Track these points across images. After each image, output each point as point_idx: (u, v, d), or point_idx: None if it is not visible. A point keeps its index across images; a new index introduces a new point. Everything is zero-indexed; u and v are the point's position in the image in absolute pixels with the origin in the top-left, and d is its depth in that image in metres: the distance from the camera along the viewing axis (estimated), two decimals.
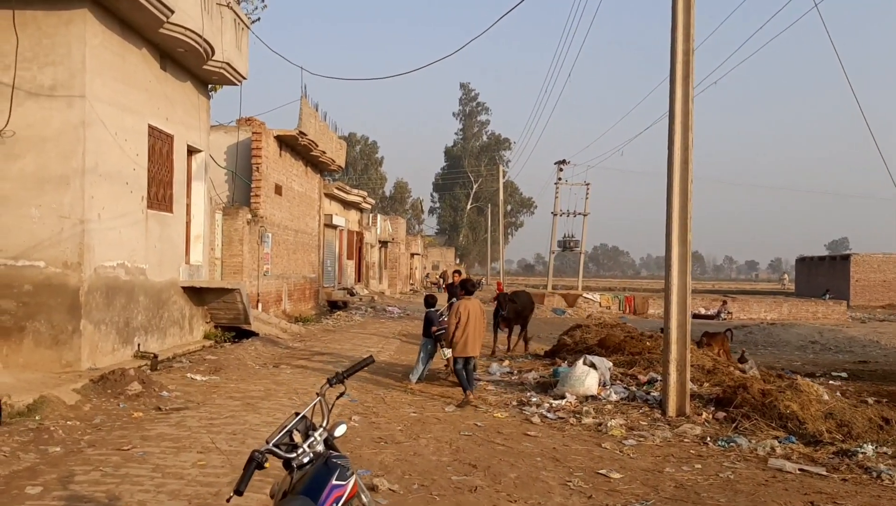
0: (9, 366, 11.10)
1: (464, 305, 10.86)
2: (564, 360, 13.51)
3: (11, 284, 11.24)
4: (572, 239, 57.87)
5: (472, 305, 10.95)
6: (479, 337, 11.06)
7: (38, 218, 11.28)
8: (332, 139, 28.18)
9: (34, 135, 11.28)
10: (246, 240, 19.95)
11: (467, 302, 10.93)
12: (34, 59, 11.30)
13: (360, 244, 38.68)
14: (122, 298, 12.59)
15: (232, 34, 15.78)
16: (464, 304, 10.89)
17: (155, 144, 14.00)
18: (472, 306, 10.94)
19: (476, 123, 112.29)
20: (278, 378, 11.60)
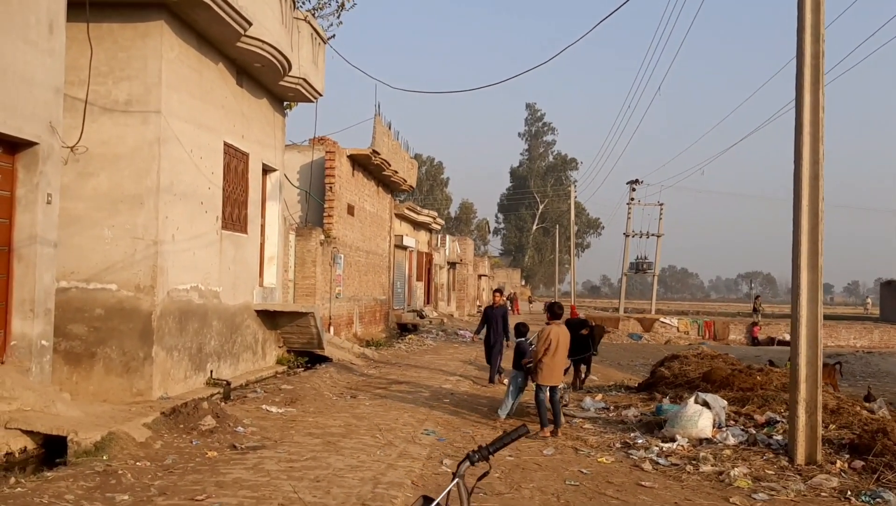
0: (79, 394, 10.59)
1: (553, 332, 9.98)
2: (665, 395, 12.40)
3: (83, 308, 10.76)
4: (645, 261, 56.23)
5: (562, 332, 10.07)
6: (563, 365, 10.22)
7: (110, 239, 10.79)
8: (404, 159, 27.60)
9: (108, 152, 10.82)
10: (319, 261, 19.38)
11: (556, 328, 10.05)
12: (109, 73, 10.87)
13: (429, 266, 37.99)
14: (195, 323, 12.02)
15: (309, 49, 15.26)
16: (553, 330, 10.00)
17: (230, 163, 13.48)
18: (562, 333, 10.06)
19: (542, 144, 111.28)
20: (357, 411, 10.81)
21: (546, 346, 9.86)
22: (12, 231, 8.51)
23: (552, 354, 9.85)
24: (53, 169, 8.87)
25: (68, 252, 10.69)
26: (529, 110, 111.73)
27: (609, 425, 10.67)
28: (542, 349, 9.88)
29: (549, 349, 9.85)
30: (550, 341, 9.85)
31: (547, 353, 9.86)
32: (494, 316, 15.65)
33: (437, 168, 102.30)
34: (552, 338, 9.87)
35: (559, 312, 10.16)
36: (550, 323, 10.09)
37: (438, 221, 37.19)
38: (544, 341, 9.88)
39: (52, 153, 8.83)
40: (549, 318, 10.16)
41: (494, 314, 15.70)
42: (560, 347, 9.91)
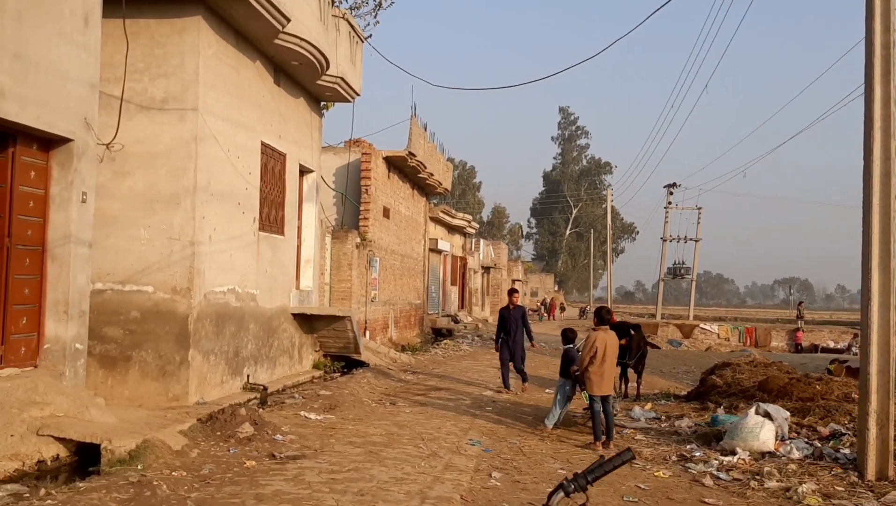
0: (113, 399, 10.33)
1: (600, 338, 9.48)
2: (718, 405, 11.84)
3: (118, 311, 10.52)
4: (683, 266, 55.26)
5: (609, 338, 9.58)
6: (613, 373, 9.73)
7: (146, 240, 10.54)
8: (440, 161, 27.24)
9: (144, 151, 10.58)
10: (355, 264, 19.06)
11: (603, 334, 9.55)
12: (146, 70, 10.62)
13: (463, 270, 37.58)
14: (231, 326, 11.73)
15: (346, 47, 14.95)
16: (599, 336, 9.51)
17: (267, 163, 13.20)
18: (609, 339, 9.57)
19: (575, 147, 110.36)
20: (398, 419, 10.42)
21: (592, 353, 9.37)
22: (46, 230, 8.26)
23: (599, 362, 9.36)
24: (88, 167, 8.61)
25: (104, 253, 10.47)
26: (563, 114, 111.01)
27: (662, 437, 10.15)
28: (587, 357, 9.40)
29: (596, 357, 9.36)
30: (597, 349, 9.36)
31: (593, 361, 9.37)
32: (512, 318, 14.56)
33: (470, 172, 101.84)
34: (598, 345, 9.38)
35: (607, 316, 9.66)
36: (597, 329, 9.60)
37: (473, 225, 36.79)
38: (590, 349, 9.39)
39: (87, 150, 8.57)
40: (596, 323, 9.67)
41: (512, 316, 14.59)
42: (608, 355, 9.42)
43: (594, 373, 9.36)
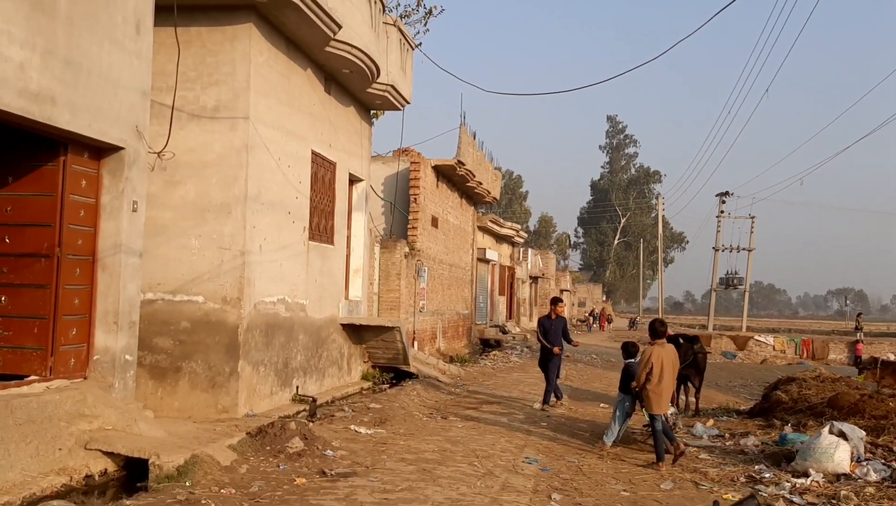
0: (163, 410, 10.22)
1: (656, 353, 9.04)
2: (784, 422, 11.29)
3: (169, 321, 10.42)
4: (736, 276, 54.01)
5: (667, 353, 9.14)
6: (672, 390, 9.30)
7: (197, 249, 10.43)
8: (488, 170, 26.95)
9: (195, 160, 10.48)
10: (403, 274, 18.84)
11: (659, 349, 9.11)
12: (197, 78, 10.54)
13: (511, 280, 37.19)
14: (281, 337, 11.57)
15: (397, 55, 14.77)
16: (656, 351, 9.07)
17: (317, 172, 13.05)
18: (667, 354, 9.12)
19: (623, 156, 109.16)
20: (450, 434, 10.11)
21: (648, 370, 8.93)
22: (97, 240, 8.16)
23: (657, 380, 8.92)
24: (139, 175, 8.50)
25: (154, 263, 10.39)
26: (611, 122, 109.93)
27: (727, 456, 9.66)
28: (643, 374, 8.96)
29: (653, 374, 8.92)
30: (652, 365, 8.91)
31: (650, 378, 8.93)
32: (553, 330, 13.78)
33: (516, 181, 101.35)
34: (654, 361, 8.93)
35: (662, 329, 9.20)
36: (653, 343, 9.16)
37: (521, 235, 36.40)
38: (646, 365, 8.95)
39: (139, 159, 8.47)
40: (652, 337, 9.22)
41: (553, 327, 13.82)
42: (666, 371, 8.97)
43: (652, 391, 8.93)
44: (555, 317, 13.94)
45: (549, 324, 13.90)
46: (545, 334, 13.81)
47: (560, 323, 13.94)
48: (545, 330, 13.86)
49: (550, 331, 13.81)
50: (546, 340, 13.75)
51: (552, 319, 13.93)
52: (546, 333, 13.81)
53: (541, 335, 13.90)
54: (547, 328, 13.87)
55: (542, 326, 14.01)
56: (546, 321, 14.03)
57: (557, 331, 13.81)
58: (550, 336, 13.74)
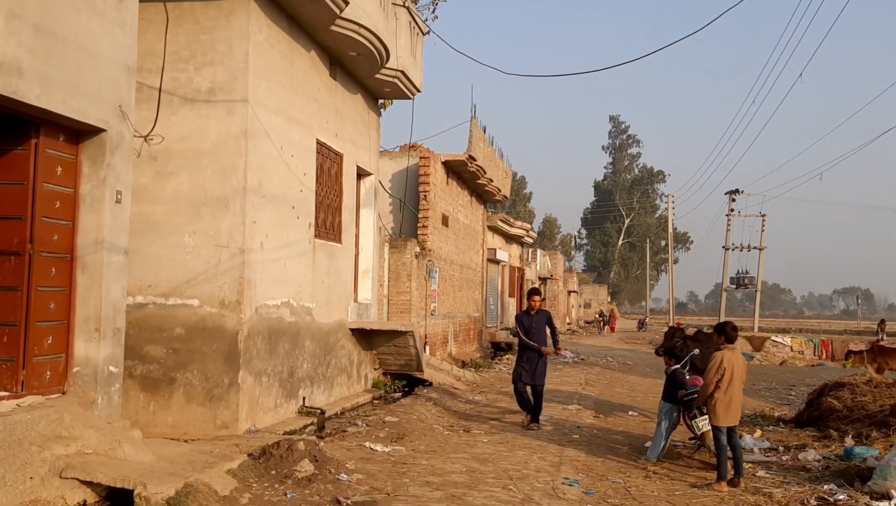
0: (156, 426, 9.21)
1: (727, 358, 8.02)
2: (842, 432, 10.23)
3: (161, 327, 9.40)
4: (746, 275, 52.91)
5: (738, 359, 8.10)
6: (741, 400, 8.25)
7: (192, 248, 9.41)
8: (499, 167, 25.89)
9: (189, 148, 9.47)
10: (414, 275, 17.80)
11: (730, 354, 8.08)
12: (190, 58, 9.53)
13: (521, 281, 36.11)
14: (286, 344, 10.54)
15: (407, 39, 13.74)
16: (727, 355, 8.04)
17: (323, 164, 12.02)
18: (738, 360, 8.09)
19: (626, 156, 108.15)
20: (477, 450, 9.06)
21: (720, 376, 7.90)
22: (75, 236, 7.13)
23: (726, 387, 7.89)
24: (123, 162, 7.47)
25: (145, 263, 9.39)
26: (613, 123, 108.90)
27: (788, 473, 8.61)
28: (713, 381, 7.92)
29: (724, 380, 7.89)
30: (725, 370, 7.89)
31: (720, 385, 7.90)
32: (535, 327, 11.47)
33: (520, 182, 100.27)
34: (726, 366, 7.91)
35: (733, 333, 8.18)
36: (723, 347, 8.12)
37: (531, 235, 35.34)
38: (717, 370, 7.91)
39: (122, 143, 7.44)
40: (721, 341, 8.18)
41: (535, 324, 11.49)
42: (736, 378, 7.95)
43: (720, 400, 7.89)
44: (534, 312, 11.65)
45: (530, 321, 11.63)
46: (527, 333, 11.49)
47: (542, 318, 11.65)
48: (525, 328, 11.56)
49: (532, 329, 11.53)
50: (528, 338, 11.47)
51: (531, 315, 11.67)
52: (528, 333, 11.51)
53: (520, 333, 11.57)
54: (527, 326, 11.58)
55: (520, 324, 11.71)
56: (525, 318, 11.77)
57: (541, 328, 11.57)
58: (532, 336, 11.49)
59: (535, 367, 11.38)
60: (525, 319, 11.72)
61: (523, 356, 11.51)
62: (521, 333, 11.50)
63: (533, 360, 11.38)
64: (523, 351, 11.54)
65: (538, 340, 11.44)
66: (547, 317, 11.72)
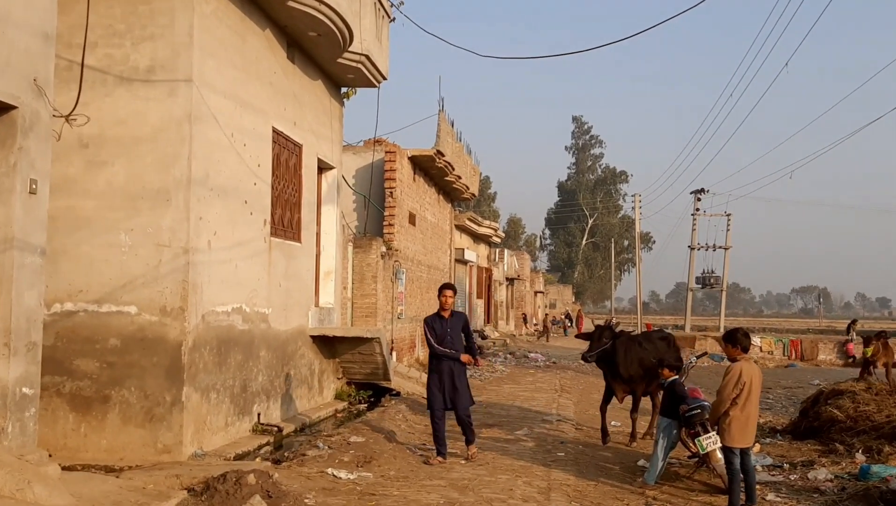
0: (87, 451, 8.08)
1: (745, 370, 7.08)
2: (849, 446, 9.41)
3: (93, 338, 8.24)
4: (712, 275, 52.67)
5: (755, 372, 7.18)
6: (757, 417, 7.34)
7: (128, 247, 8.27)
8: (467, 163, 24.92)
9: (125, 135, 8.33)
10: (380, 277, 16.72)
11: (748, 366, 7.14)
12: (127, 32, 8.38)
13: (489, 282, 35.22)
14: (238, 355, 9.43)
15: (372, 21, 12.67)
16: (744, 368, 7.09)
17: (280, 154, 10.93)
18: (755, 373, 7.17)
19: (590, 157, 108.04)
20: (454, 475, 8.03)
21: (738, 391, 6.96)
22: None
23: (743, 404, 6.96)
24: (39, 145, 6.31)
25: (74, 264, 8.24)
26: (576, 123, 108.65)
27: (800, 496, 7.73)
28: (731, 397, 6.96)
29: (742, 396, 6.96)
30: (744, 385, 6.96)
31: (737, 402, 6.96)
32: (448, 332, 8.88)
33: (485, 182, 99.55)
34: (745, 380, 6.97)
35: (746, 341, 7.25)
36: (738, 358, 7.18)
37: (499, 235, 34.47)
38: (735, 385, 6.96)
39: (38, 123, 6.28)
40: (738, 351, 7.22)
41: (449, 329, 8.89)
42: (754, 394, 7.02)
43: (736, 419, 6.95)
44: (447, 314, 9.00)
45: (443, 325, 8.95)
46: (439, 342, 8.90)
47: (458, 322, 9.06)
48: (437, 335, 8.92)
49: (447, 336, 8.90)
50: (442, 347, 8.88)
51: (445, 318, 8.98)
52: (440, 341, 8.90)
53: (432, 341, 8.96)
54: (440, 332, 8.92)
55: (431, 330, 8.99)
56: (436, 321, 9.02)
57: (456, 334, 8.98)
58: (447, 344, 8.89)
59: (454, 384, 8.85)
60: (437, 322, 8.99)
61: (436, 370, 8.94)
62: (433, 341, 8.93)
63: (450, 375, 8.85)
64: (436, 363, 8.94)
65: (455, 347, 8.93)
66: (464, 322, 9.16)
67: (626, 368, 10.29)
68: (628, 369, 10.30)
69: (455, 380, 8.87)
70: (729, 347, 7.27)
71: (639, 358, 10.36)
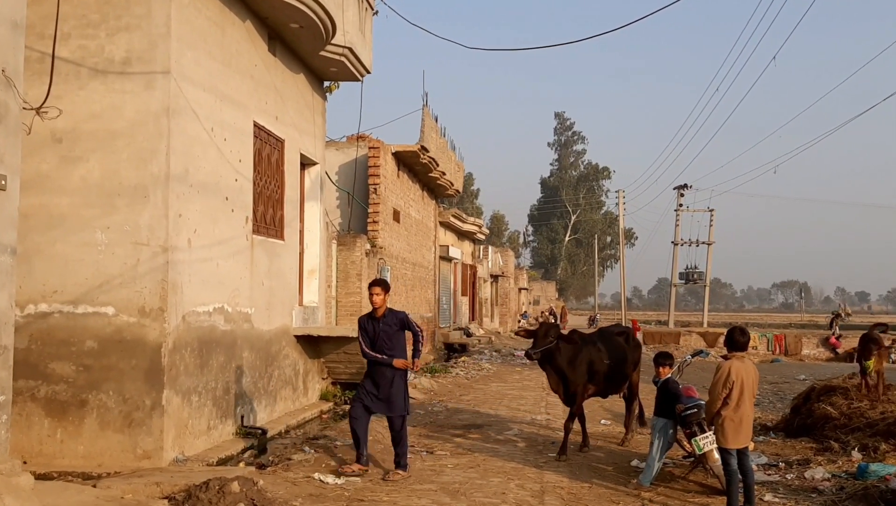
0: (63, 458, 7.80)
1: (735, 369, 6.90)
2: (844, 444, 9.28)
3: (69, 340, 7.94)
4: (696, 270, 52.80)
5: (748, 370, 6.99)
6: (752, 417, 7.15)
7: (105, 246, 7.97)
8: (452, 159, 24.67)
9: (101, 129, 8.02)
10: (364, 275, 16.44)
11: (739, 364, 6.96)
12: (102, 22, 8.08)
13: (473, 279, 35.00)
14: (220, 356, 9.15)
15: (355, 13, 12.40)
16: (735, 366, 6.92)
17: (262, 150, 10.64)
18: (748, 371, 6.98)
19: (572, 153, 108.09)
20: (444, 479, 7.80)
21: (728, 391, 6.79)
22: None
23: (736, 404, 6.79)
24: (9, 139, 6.00)
25: (48, 264, 7.94)
26: (558, 119, 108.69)
27: (798, 496, 7.57)
28: (721, 396, 6.80)
29: (733, 395, 6.79)
30: (733, 384, 6.78)
31: (728, 402, 6.79)
32: (382, 334, 8.04)
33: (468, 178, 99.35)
34: (734, 378, 6.80)
35: (743, 339, 7.07)
36: (730, 356, 7.02)
37: (484, 231, 34.25)
38: (724, 384, 6.79)
39: (7, 116, 5.97)
40: (729, 349, 7.08)
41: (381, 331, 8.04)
42: (747, 393, 6.84)
43: (729, 418, 6.78)
44: (380, 313, 8.10)
45: (374, 326, 8.11)
46: (372, 344, 8.09)
47: (394, 322, 8.10)
48: (370, 337, 8.12)
49: (379, 337, 8.06)
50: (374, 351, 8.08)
51: (376, 317, 8.11)
52: (373, 343, 8.08)
53: (365, 346, 8.14)
54: (371, 333, 8.11)
55: (363, 331, 8.20)
56: (367, 322, 8.20)
57: (392, 335, 8.08)
58: (380, 345, 8.06)
59: (388, 390, 8.03)
60: (368, 324, 8.16)
61: (369, 374, 8.24)
62: (365, 345, 8.15)
63: (384, 380, 8.05)
64: (370, 366, 8.22)
65: (391, 351, 8.04)
66: (401, 319, 8.17)
67: (573, 369, 9.29)
68: (575, 371, 9.31)
69: (391, 385, 8.03)
70: (726, 345, 7.10)
71: (588, 359, 9.45)
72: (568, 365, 9.31)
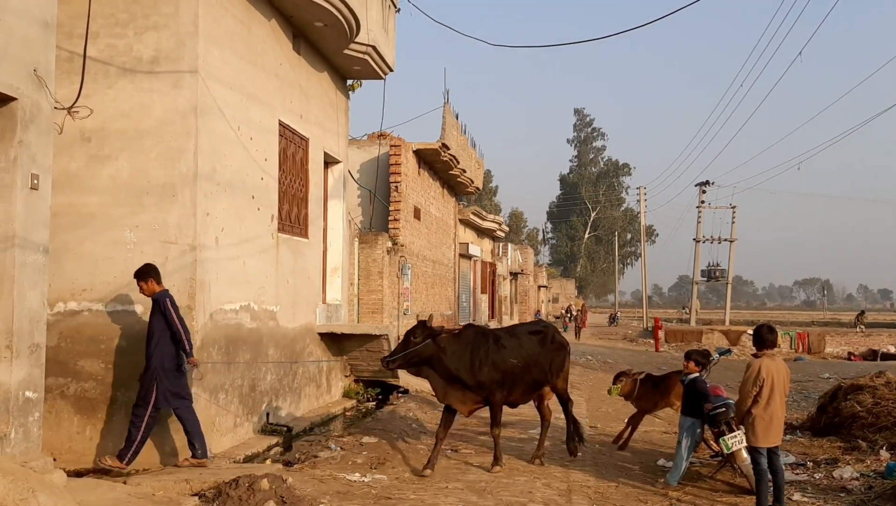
0: (92, 454, 7.83)
1: (765, 366, 6.84)
2: (872, 443, 9.18)
3: (98, 338, 8.00)
4: (718, 267, 52.41)
5: (779, 367, 6.93)
6: (783, 415, 7.08)
7: (133, 244, 8.02)
8: (472, 157, 24.65)
9: (129, 128, 8.07)
10: (386, 272, 16.50)
11: (770, 362, 6.90)
12: (130, 21, 8.12)
13: (493, 276, 34.97)
14: (246, 353, 9.19)
15: (378, 10, 12.41)
16: (765, 364, 6.86)
17: (287, 148, 10.67)
18: (779, 369, 6.92)
19: (592, 150, 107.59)
20: (471, 477, 7.80)
21: (758, 389, 6.74)
22: None
23: (766, 402, 6.73)
24: (41, 139, 6.07)
25: (78, 263, 7.99)
26: (578, 115, 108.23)
27: (826, 495, 7.50)
28: (751, 394, 6.75)
29: (763, 393, 6.73)
30: (763, 382, 6.73)
31: (758, 400, 6.74)
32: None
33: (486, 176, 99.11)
34: (765, 376, 6.75)
35: (771, 337, 7.01)
36: (761, 354, 6.96)
37: (504, 229, 34.21)
38: (755, 382, 6.75)
39: (39, 116, 6.04)
40: (758, 347, 7.03)
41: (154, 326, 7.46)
42: (777, 391, 6.79)
43: (759, 417, 6.73)
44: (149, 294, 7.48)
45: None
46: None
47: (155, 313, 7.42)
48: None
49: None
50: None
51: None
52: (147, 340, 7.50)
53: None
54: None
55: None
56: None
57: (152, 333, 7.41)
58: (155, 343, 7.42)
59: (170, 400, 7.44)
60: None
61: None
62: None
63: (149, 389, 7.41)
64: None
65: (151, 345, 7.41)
66: (162, 302, 7.34)
67: (473, 372, 7.95)
68: (476, 375, 7.97)
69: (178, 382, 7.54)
70: (754, 343, 7.04)
71: (492, 360, 8.10)
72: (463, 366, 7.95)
